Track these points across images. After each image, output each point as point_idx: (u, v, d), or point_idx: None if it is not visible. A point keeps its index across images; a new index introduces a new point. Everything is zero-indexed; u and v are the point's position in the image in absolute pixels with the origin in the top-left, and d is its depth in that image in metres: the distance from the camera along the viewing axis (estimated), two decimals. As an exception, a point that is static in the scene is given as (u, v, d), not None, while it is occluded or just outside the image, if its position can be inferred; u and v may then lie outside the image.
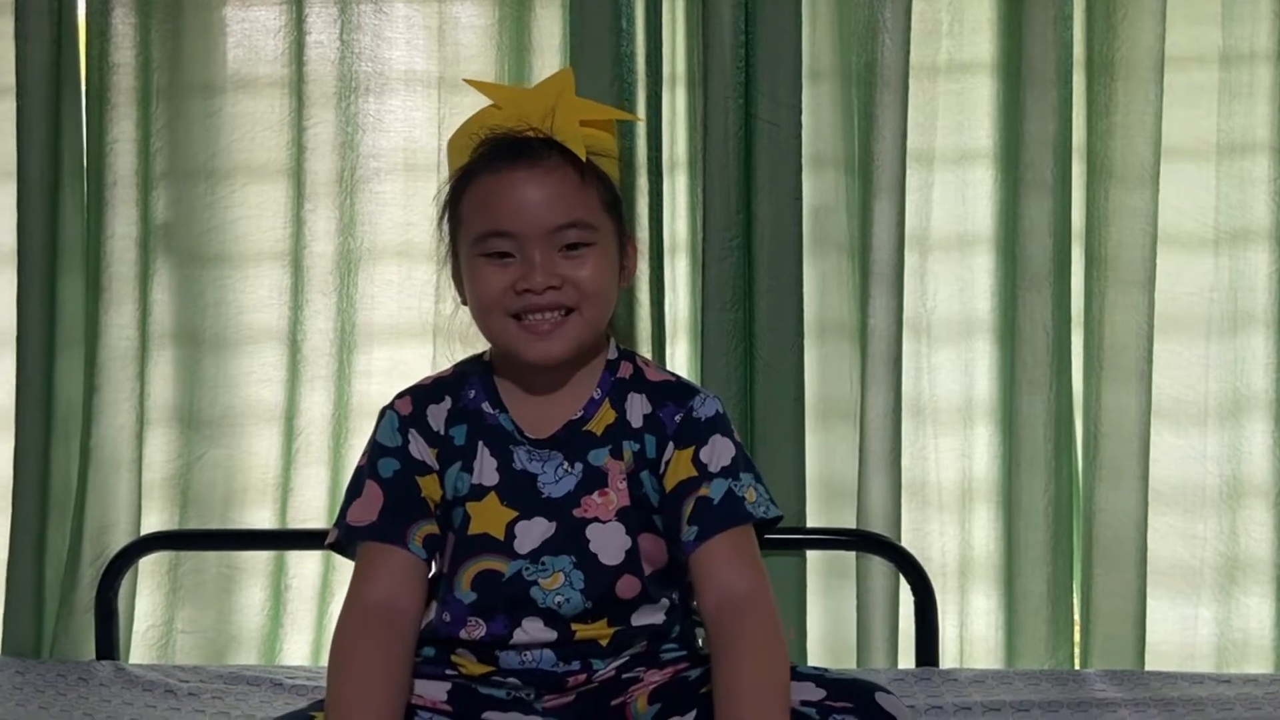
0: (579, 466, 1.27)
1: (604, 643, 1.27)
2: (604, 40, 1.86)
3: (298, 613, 2.01)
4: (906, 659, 1.88)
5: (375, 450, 1.31)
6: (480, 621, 1.27)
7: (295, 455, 1.99)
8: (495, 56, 1.94)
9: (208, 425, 1.99)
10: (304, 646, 2.01)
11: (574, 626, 1.26)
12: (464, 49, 1.95)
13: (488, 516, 1.27)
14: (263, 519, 2.00)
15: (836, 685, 1.22)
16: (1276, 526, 1.92)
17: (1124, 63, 1.85)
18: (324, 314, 1.97)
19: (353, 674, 1.20)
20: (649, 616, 1.29)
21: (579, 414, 1.29)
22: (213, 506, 2.00)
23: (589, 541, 1.26)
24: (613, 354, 1.33)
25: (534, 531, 1.27)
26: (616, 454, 1.27)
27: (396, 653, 1.23)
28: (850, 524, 1.91)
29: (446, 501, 1.29)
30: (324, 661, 1.97)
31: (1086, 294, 1.90)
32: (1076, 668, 1.92)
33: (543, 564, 1.26)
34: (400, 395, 1.34)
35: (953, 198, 1.93)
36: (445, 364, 1.91)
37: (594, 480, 1.27)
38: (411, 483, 1.28)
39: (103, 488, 1.95)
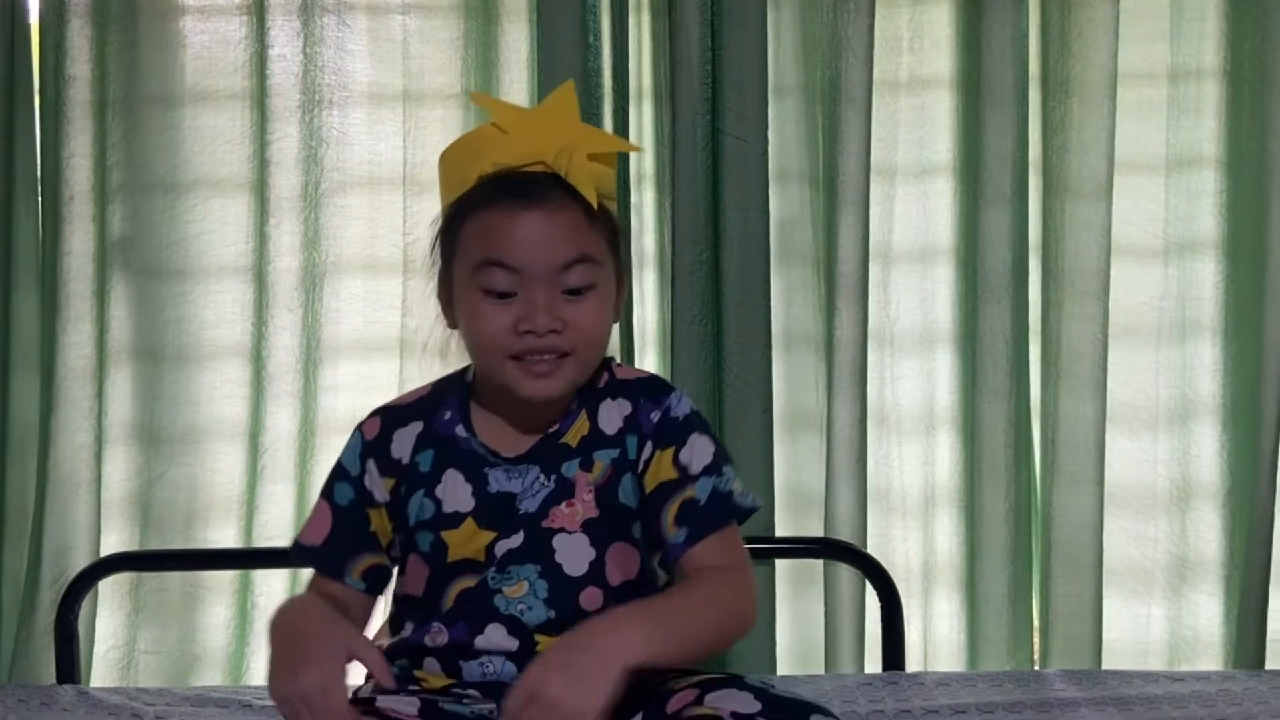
0: (553, 478, 1.27)
1: None
2: (570, 55, 1.87)
3: (265, 632, 1.98)
4: (873, 663, 1.92)
5: (336, 470, 1.31)
6: (443, 628, 1.27)
7: (261, 472, 1.96)
8: (461, 70, 1.93)
9: (169, 443, 1.97)
10: (271, 665, 1.99)
11: (536, 637, 1.26)
12: (429, 62, 1.94)
13: (466, 542, 1.26)
14: (226, 537, 1.98)
15: (774, 701, 1.18)
16: (1224, 527, 2.00)
17: (1078, 80, 1.90)
18: (289, 329, 1.95)
19: (314, 605, 1.24)
20: None
21: (555, 426, 1.28)
22: (174, 525, 1.97)
23: (555, 551, 1.26)
24: None
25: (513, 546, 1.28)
26: (586, 465, 1.27)
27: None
28: (817, 532, 1.94)
29: (408, 528, 1.28)
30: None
31: (1044, 304, 1.95)
32: (1036, 667, 1.98)
33: (508, 572, 1.26)
34: (374, 413, 1.33)
35: (914, 211, 1.98)
36: (413, 379, 1.94)
37: (563, 491, 1.27)
38: (362, 515, 1.29)
39: (61, 508, 1.92)
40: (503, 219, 1.22)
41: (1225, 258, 1.97)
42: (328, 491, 1.31)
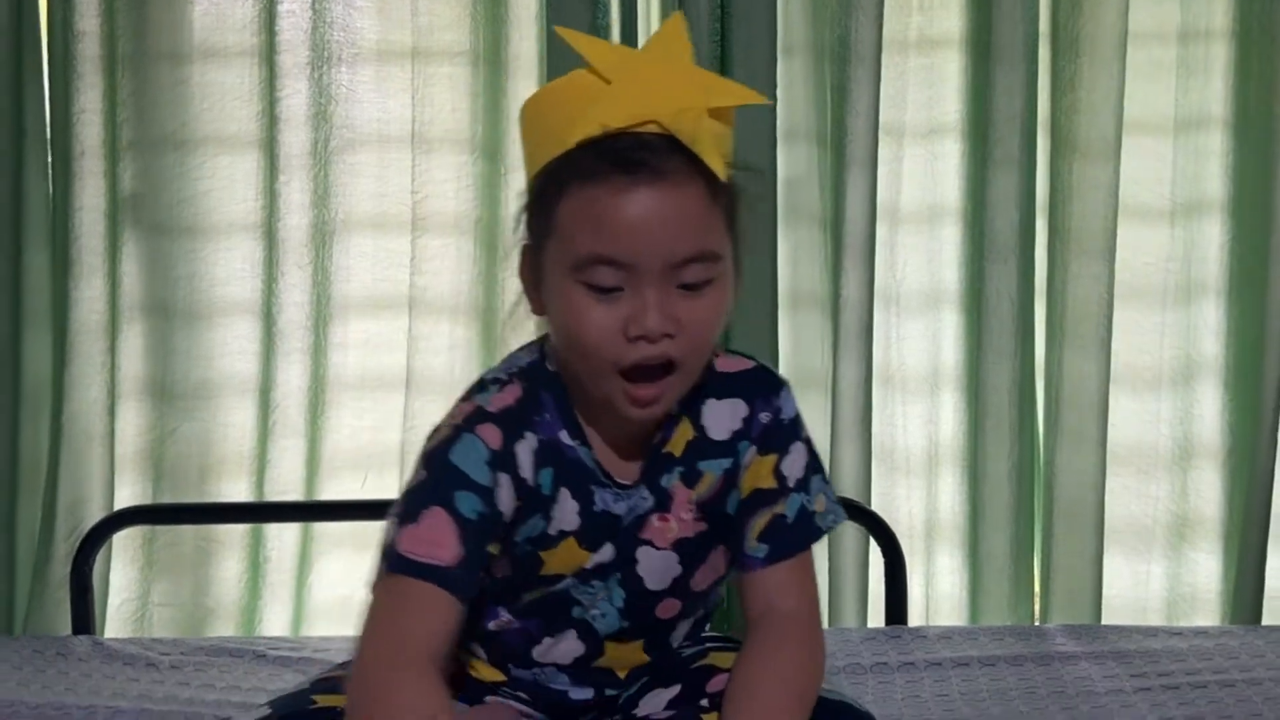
0: (654, 491, 1.16)
1: (622, 674, 1.22)
2: (580, 12, 1.86)
3: (276, 584, 2.01)
4: (876, 618, 1.95)
5: (454, 477, 1.07)
6: (511, 617, 1.18)
7: (272, 428, 1.98)
8: (470, 27, 1.93)
9: (181, 399, 1.98)
10: (283, 617, 2.02)
11: (606, 645, 1.18)
12: (437, 19, 1.93)
13: (563, 559, 1.15)
14: (238, 492, 2.00)
15: (819, 705, 1.12)
16: (1224, 486, 2.02)
17: (1088, 39, 1.90)
18: (299, 286, 1.96)
19: (415, 699, 1.01)
20: (680, 632, 1.23)
21: (659, 437, 1.15)
22: (188, 480, 1.99)
23: (638, 563, 1.16)
24: None
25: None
26: (687, 478, 1.15)
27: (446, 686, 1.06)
28: (823, 490, 1.96)
29: (512, 542, 1.14)
30: (305, 632, 2.00)
31: (1049, 265, 1.96)
32: (1037, 623, 2.00)
33: (591, 584, 1.17)
34: (481, 418, 1.10)
35: (922, 171, 1.98)
36: (422, 338, 1.95)
37: (660, 503, 1.15)
38: (489, 533, 1.09)
39: (75, 462, 1.93)
40: (612, 199, 1.02)
41: (1231, 219, 1.97)
42: (444, 499, 1.06)
